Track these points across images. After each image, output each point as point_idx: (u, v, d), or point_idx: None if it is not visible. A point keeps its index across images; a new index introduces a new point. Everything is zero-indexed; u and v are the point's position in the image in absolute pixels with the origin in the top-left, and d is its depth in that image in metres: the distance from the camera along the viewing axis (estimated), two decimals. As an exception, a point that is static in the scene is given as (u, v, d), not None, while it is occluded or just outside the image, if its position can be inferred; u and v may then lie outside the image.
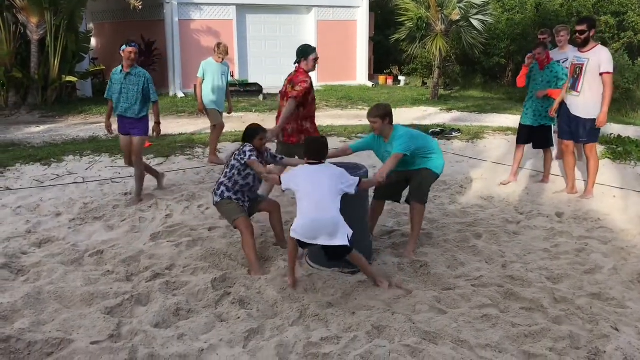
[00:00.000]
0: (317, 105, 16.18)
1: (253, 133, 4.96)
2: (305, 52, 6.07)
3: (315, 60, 6.13)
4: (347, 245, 4.25)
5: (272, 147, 5.69)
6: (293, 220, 4.42)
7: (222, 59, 8.49)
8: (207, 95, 8.42)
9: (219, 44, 8.58)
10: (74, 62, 14.42)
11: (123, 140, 6.76)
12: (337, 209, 4.31)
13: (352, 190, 4.43)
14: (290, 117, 5.90)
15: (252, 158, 4.80)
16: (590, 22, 6.41)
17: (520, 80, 7.42)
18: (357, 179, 4.52)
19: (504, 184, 7.32)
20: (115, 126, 6.88)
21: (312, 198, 4.30)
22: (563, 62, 8.07)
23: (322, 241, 4.26)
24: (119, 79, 6.53)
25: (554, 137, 7.49)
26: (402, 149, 4.85)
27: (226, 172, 4.96)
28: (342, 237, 4.25)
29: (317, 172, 4.46)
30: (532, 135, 7.25)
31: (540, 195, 6.99)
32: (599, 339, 3.69)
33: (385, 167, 4.84)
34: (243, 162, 4.84)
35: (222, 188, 4.92)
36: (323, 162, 4.55)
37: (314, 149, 4.57)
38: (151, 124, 6.79)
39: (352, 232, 4.35)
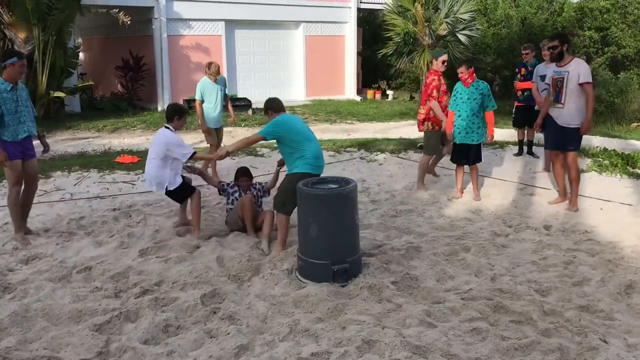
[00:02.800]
0: (306, 119, 16.30)
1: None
2: (435, 55, 7.64)
3: (443, 62, 7.46)
4: (165, 192, 5.81)
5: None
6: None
7: (215, 79, 8.45)
8: (208, 114, 8.39)
9: (209, 64, 8.42)
10: (62, 78, 14.39)
11: (20, 165, 5.71)
12: (159, 166, 5.67)
13: (182, 159, 5.69)
14: (443, 110, 7.36)
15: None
16: (561, 38, 6.64)
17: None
18: (191, 152, 5.69)
19: (457, 198, 7.39)
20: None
21: (148, 155, 5.82)
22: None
23: (151, 187, 5.84)
24: (12, 97, 5.55)
25: (539, 150, 7.60)
26: (262, 132, 5.39)
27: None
28: (156, 187, 5.75)
29: (156, 137, 5.86)
30: (468, 153, 7.26)
31: (528, 208, 7.04)
32: (588, 351, 3.71)
33: (232, 144, 5.71)
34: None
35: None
36: (168, 127, 5.80)
37: (166, 113, 5.90)
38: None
39: (175, 186, 5.74)
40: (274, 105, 5.64)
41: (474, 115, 7.08)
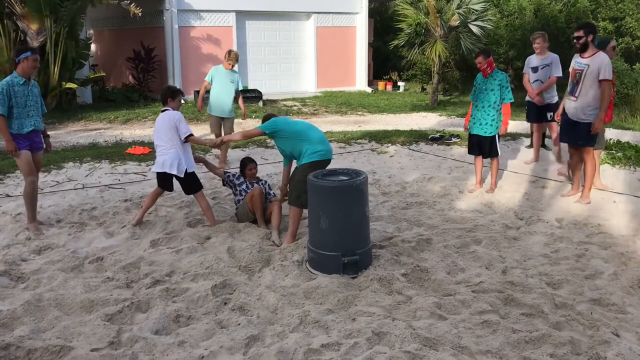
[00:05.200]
0: (316, 111, 16.23)
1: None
2: (601, 44, 6.95)
3: (613, 48, 7.33)
4: (181, 177, 5.79)
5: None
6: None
7: (232, 66, 8.48)
8: (212, 100, 8.44)
9: (229, 51, 8.59)
10: (74, 69, 14.45)
11: (28, 155, 5.82)
12: (175, 146, 5.72)
13: (182, 137, 5.74)
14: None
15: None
16: (587, 28, 6.40)
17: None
18: (189, 132, 5.80)
19: (470, 192, 7.32)
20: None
21: (156, 143, 5.85)
22: (542, 68, 8.30)
23: (167, 169, 5.72)
24: (23, 91, 5.69)
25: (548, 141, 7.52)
26: (261, 126, 5.51)
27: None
28: (174, 169, 5.73)
29: (160, 121, 5.85)
30: (481, 144, 7.18)
31: (539, 200, 6.99)
32: (599, 345, 3.68)
33: (230, 135, 5.95)
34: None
35: None
36: (168, 109, 5.86)
37: (160, 98, 6.00)
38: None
39: (191, 170, 5.83)
40: (268, 116, 5.76)
41: (490, 107, 6.98)
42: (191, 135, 5.84)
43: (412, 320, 4.00)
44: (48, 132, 6.30)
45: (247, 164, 6.23)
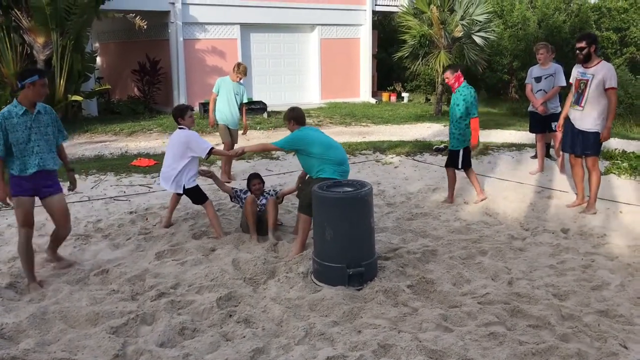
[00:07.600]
0: (321, 122, 16.23)
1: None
2: None
3: None
4: (182, 192, 5.96)
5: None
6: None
7: (240, 79, 8.54)
8: (218, 111, 8.55)
9: (239, 64, 8.66)
10: (80, 82, 14.54)
11: (28, 203, 4.73)
12: (177, 165, 5.84)
13: (201, 155, 5.84)
14: None
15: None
16: (589, 39, 6.44)
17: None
18: (209, 147, 5.84)
19: (475, 203, 7.31)
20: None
21: (165, 156, 6.03)
22: (545, 78, 8.31)
23: (167, 187, 6.01)
24: (24, 123, 4.60)
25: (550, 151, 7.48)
26: (280, 143, 5.51)
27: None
28: (174, 187, 5.93)
29: (174, 136, 6.02)
30: (450, 157, 7.26)
31: (545, 211, 6.97)
32: (607, 357, 3.66)
33: (250, 146, 6.02)
34: None
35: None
36: (183, 128, 5.96)
37: (173, 114, 6.09)
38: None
39: (192, 185, 5.93)
40: (296, 117, 5.65)
41: (457, 122, 7.01)
42: (212, 148, 5.91)
43: (418, 332, 3.98)
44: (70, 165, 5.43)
45: (252, 179, 6.26)
